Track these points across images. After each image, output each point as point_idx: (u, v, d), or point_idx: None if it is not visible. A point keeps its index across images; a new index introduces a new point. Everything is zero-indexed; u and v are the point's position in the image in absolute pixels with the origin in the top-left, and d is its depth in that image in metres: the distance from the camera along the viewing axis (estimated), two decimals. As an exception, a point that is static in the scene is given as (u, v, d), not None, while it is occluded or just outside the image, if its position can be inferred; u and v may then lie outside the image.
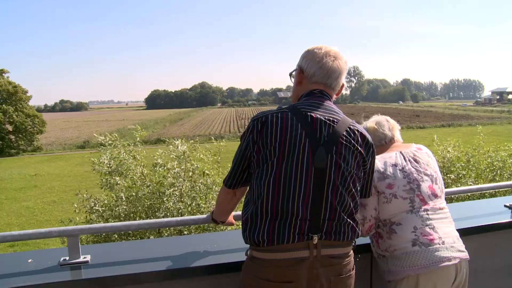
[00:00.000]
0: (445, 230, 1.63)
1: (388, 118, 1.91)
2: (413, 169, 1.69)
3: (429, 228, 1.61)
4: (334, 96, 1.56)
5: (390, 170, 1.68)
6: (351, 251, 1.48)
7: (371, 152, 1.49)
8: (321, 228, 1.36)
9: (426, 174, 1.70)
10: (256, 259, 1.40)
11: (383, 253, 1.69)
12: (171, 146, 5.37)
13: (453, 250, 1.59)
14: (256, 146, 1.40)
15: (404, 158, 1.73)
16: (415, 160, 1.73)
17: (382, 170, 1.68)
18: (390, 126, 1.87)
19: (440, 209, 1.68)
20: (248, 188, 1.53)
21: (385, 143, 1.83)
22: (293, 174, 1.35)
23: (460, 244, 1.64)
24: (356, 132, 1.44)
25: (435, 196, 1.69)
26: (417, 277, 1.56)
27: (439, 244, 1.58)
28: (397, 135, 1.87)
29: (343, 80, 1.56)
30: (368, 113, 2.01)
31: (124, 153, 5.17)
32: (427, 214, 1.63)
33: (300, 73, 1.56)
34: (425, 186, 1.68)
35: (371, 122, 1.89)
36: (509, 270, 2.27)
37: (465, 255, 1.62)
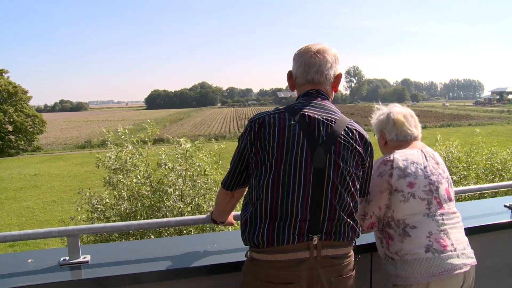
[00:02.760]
0: (457, 236, 1.60)
1: (413, 113, 1.81)
2: (434, 170, 1.64)
3: (443, 233, 1.56)
4: (332, 91, 1.54)
5: (411, 168, 1.61)
6: (352, 251, 1.48)
7: (369, 151, 1.49)
8: (321, 228, 1.36)
9: (443, 177, 1.66)
10: (256, 261, 1.40)
11: (393, 256, 1.62)
12: (176, 144, 5.32)
13: (464, 257, 1.56)
14: (254, 148, 1.40)
15: (426, 158, 1.66)
16: (435, 161, 1.68)
17: (403, 167, 1.61)
18: (415, 123, 1.79)
19: (454, 213, 1.64)
20: (246, 189, 1.53)
21: (410, 139, 1.75)
22: (292, 174, 1.34)
23: (469, 250, 1.61)
24: (354, 131, 1.44)
25: (450, 199, 1.65)
26: (428, 284, 1.52)
27: (451, 251, 1.54)
28: (420, 134, 1.81)
29: (332, 71, 1.51)
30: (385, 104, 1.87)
31: (133, 148, 5.14)
32: (442, 219, 1.59)
33: (290, 79, 1.58)
34: (443, 188, 1.63)
35: (398, 114, 1.77)
36: (509, 270, 2.27)
37: (474, 261, 1.59)
